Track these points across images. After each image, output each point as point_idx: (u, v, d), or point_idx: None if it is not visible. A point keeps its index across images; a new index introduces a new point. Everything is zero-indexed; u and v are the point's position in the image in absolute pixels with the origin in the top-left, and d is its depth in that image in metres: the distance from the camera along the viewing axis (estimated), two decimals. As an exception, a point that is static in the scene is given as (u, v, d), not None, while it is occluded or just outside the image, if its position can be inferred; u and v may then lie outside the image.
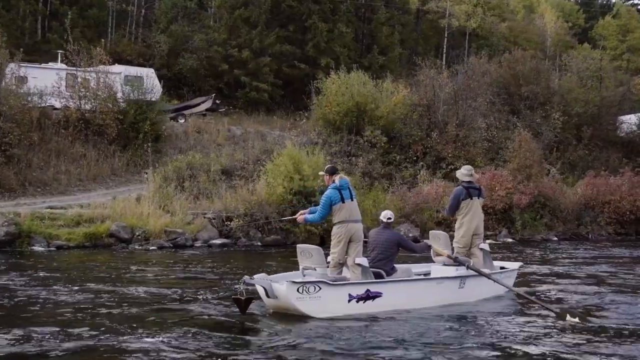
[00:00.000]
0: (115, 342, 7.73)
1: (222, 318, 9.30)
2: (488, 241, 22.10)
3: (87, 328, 8.37)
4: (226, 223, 20.22)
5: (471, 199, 11.32)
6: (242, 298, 9.25)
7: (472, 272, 10.74)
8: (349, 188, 10.08)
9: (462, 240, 11.44)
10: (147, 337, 8.00)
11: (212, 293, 11.26)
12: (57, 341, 7.72)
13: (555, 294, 11.98)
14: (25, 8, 37.36)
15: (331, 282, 9.36)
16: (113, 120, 27.54)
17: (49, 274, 13.02)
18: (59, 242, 17.93)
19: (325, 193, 10.02)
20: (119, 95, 28.69)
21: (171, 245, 18.81)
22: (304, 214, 10.49)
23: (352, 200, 9.97)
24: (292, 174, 20.54)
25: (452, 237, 11.73)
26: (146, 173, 24.34)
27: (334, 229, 10.03)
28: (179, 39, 39.46)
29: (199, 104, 35.00)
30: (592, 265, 16.98)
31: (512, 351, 7.79)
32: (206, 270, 14.40)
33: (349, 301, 9.37)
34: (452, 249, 11.49)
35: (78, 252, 17.48)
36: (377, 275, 10.07)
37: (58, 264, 14.80)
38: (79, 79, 28.28)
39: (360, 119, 29.62)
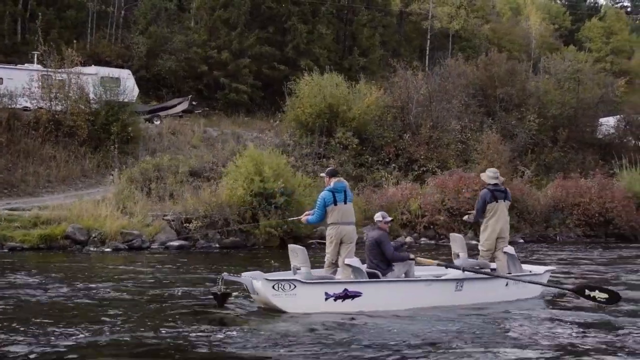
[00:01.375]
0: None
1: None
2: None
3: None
4: (185, 225, 20.15)
5: (497, 201, 11.32)
6: (219, 293, 9.76)
7: (468, 275, 10.65)
8: (344, 191, 10.35)
9: (486, 243, 11.45)
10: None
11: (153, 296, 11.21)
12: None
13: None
14: (4, 9, 37.25)
15: (305, 281, 9.65)
16: (84, 121, 27.51)
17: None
18: (13, 243, 17.87)
19: (320, 195, 10.42)
20: (91, 96, 28.65)
21: (127, 247, 18.74)
22: (309, 214, 10.78)
23: (345, 203, 10.29)
24: (253, 176, 20.46)
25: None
26: (112, 174, 24.38)
27: (327, 230, 10.45)
28: (158, 40, 39.40)
29: (174, 106, 34.95)
30: (557, 266, 16.91)
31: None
32: (153, 272, 14.33)
33: (326, 299, 9.61)
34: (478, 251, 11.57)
35: (31, 254, 17.44)
36: (373, 276, 10.24)
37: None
38: (51, 80, 28.21)
39: (332, 121, 29.62)
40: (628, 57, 60.35)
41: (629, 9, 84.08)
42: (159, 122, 33.31)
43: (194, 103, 36.24)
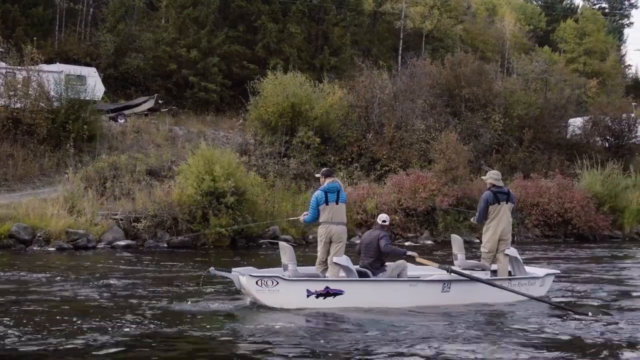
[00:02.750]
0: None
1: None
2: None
3: None
4: (133, 224, 20.00)
5: (499, 203, 11.40)
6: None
7: (455, 277, 10.70)
8: (337, 192, 10.64)
9: (488, 245, 11.52)
10: None
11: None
12: None
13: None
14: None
15: (287, 278, 10.07)
16: (44, 119, 27.24)
17: None
18: (-43, 242, 17.69)
19: (314, 194, 10.82)
20: (52, 94, 28.39)
21: (72, 246, 18.57)
22: (306, 214, 11.11)
23: (337, 203, 10.61)
24: (203, 175, 20.34)
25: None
26: (66, 173, 24.16)
27: (318, 229, 10.84)
28: (126, 39, 39.14)
29: (140, 104, 34.72)
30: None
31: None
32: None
33: (308, 296, 9.96)
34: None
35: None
36: (363, 275, 10.58)
37: None
38: (9, 77, 27.93)
39: (295, 120, 29.53)
40: (602, 59, 60.58)
41: (606, 10, 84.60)
42: (123, 121, 33.07)
43: (160, 101, 36.02)
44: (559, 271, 13.20)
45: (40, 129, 27.05)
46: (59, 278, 12.94)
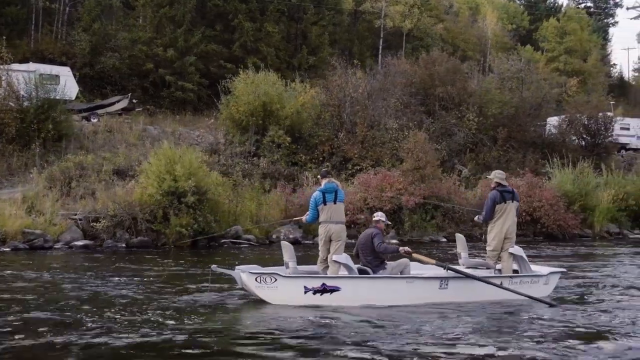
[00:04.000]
0: None
1: None
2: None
3: None
4: (92, 224, 19.89)
5: (505, 202, 11.59)
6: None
7: (452, 274, 10.87)
8: (335, 192, 10.90)
9: (493, 243, 11.66)
10: None
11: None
12: None
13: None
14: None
15: (285, 275, 10.38)
16: (12, 119, 27.10)
17: None
18: None
19: (312, 195, 11.14)
20: (22, 93, 28.24)
21: (27, 247, 18.45)
22: (308, 215, 11.36)
23: (334, 203, 10.88)
24: (164, 174, 20.24)
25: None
26: (31, 173, 24.06)
27: (318, 229, 11.11)
28: (102, 38, 38.97)
29: (113, 103, 34.58)
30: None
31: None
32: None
33: (305, 293, 10.23)
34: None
35: None
36: (364, 273, 10.85)
37: None
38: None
39: (266, 119, 29.45)
40: (584, 59, 60.69)
41: (591, 10, 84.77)
42: (96, 120, 32.92)
43: (134, 101, 35.87)
44: (564, 269, 13.18)
45: (9, 129, 26.91)
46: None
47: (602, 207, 28.65)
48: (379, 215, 11.41)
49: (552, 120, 39.60)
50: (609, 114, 41.14)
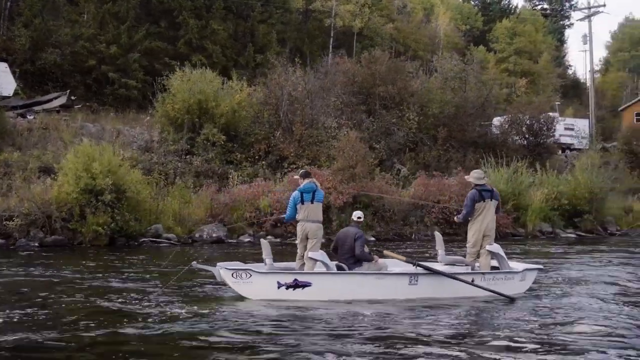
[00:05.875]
0: None
1: None
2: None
3: None
4: (5, 222, 19.48)
5: (484, 201, 11.91)
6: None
7: (421, 270, 11.18)
8: (313, 192, 11.24)
9: (472, 240, 11.99)
10: None
11: None
12: None
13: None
14: None
15: (259, 271, 10.84)
16: (-59, 115, 26.56)
17: None
18: None
19: (292, 194, 11.51)
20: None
21: None
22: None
23: (312, 203, 11.21)
24: (81, 172, 19.91)
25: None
26: (-49, 170, 23.53)
27: (297, 227, 11.55)
28: (43, 33, 38.31)
29: (50, 100, 33.97)
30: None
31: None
32: None
33: (279, 288, 10.67)
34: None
35: None
36: (340, 269, 11.28)
37: None
38: None
39: (202, 117, 29.20)
40: (536, 60, 61.41)
41: (547, 12, 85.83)
42: (32, 117, 32.33)
43: (73, 98, 35.28)
44: (541, 266, 13.46)
45: None
46: None
47: (535, 206, 28.88)
48: (360, 214, 11.74)
49: (496, 121, 39.97)
50: (552, 114, 41.62)
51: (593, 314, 10.11)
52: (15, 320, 8.94)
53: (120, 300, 10.58)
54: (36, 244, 19.36)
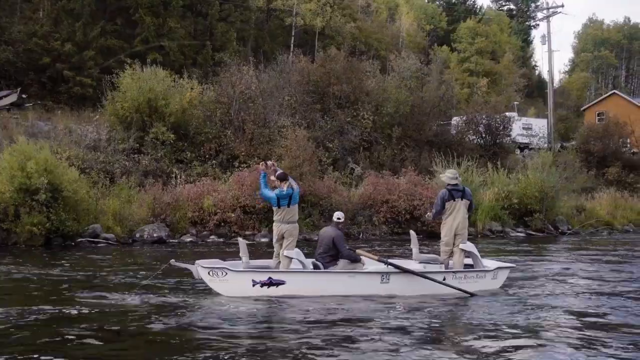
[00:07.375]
0: None
1: None
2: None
3: None
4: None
5: (454, 200, 12.13)
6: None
7: (392, 269, 11.49)
8: (289, 197, 11.58)
9: (445, 239, 12.28)
10: None
11: None
12: None
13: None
14: None
15: (234, 269, 11.20)
16: None
17: None
18: None
19: (272, 195, 11.70)
20: None
21: None
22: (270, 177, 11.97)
23: (288, 206, 11.65)
24: (15, 171, 19.56)
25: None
26: None
27: (273, 227, 12.06)
28: (-6, 30, 37.73)
29: (0, 98, 33.45)
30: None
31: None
32: None
33: (254, 285, 11.04)
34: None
35: None
36: (316, 267, 11.67)
37: None
38: None
39: (152, 116, 28.89)
40: (497, 61, 61.81)
41: (513, 12, 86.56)
42: (-20, 115, 31.79)
43: (23, 96, 34.76)
44: (513, 265, 13.78)
45: None
46: None
47: (485, 205, 29.04)
48: (340, 215, 12.07)
49: (454, 120, 40.18)
50: (509, 114, 41.95)
51: (560, 309, 10.45)
52: None
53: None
54: (-34, 245, 19.01)
